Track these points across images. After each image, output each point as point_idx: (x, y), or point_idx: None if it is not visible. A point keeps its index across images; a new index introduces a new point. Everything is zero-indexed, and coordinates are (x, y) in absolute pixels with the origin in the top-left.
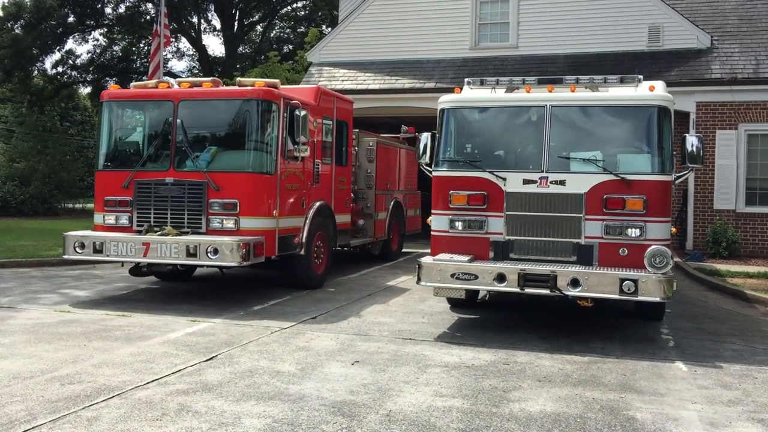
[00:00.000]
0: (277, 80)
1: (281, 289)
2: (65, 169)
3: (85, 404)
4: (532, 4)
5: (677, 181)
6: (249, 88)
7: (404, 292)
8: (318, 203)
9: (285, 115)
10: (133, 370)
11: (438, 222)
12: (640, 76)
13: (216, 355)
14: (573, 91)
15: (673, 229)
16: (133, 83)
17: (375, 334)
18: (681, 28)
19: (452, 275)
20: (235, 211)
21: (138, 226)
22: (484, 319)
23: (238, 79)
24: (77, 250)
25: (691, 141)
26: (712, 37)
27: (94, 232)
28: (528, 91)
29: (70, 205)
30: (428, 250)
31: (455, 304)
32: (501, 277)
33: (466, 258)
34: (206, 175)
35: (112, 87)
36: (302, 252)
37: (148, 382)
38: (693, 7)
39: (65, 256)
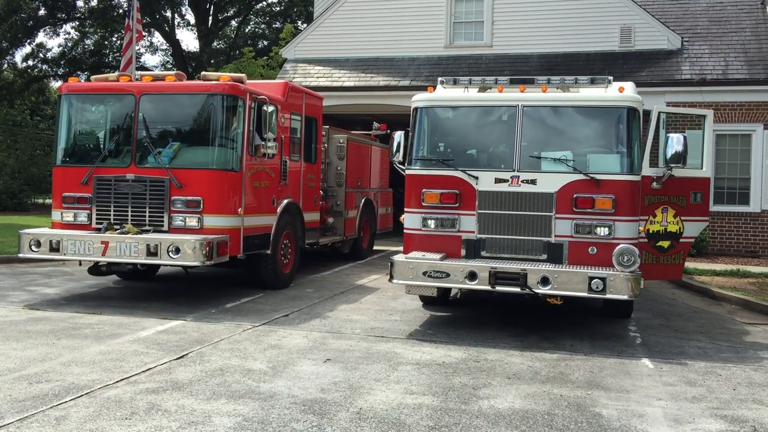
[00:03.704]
0: (243, 75)
1: (253, 287)
2: (35, 164)
3: (53, 403)
4: (507, 3)
5: (654, 183)
6: (213, 82)
7: (376, 290)
8: (285, 201)
9: (251, 110)
10: (103, 368)
11: (411, 220)
12: (611, 77)
13: (187, 354)
14: (544, 91)
15: (641, 228)
16: (93, 76)
17: (347, 332)
18: (652, 29)
19: (424, 273)
20: (198, 209)
21: (97, 223)
22: (456, 317)
23: (203, 73)
24: (33, 248)
25: (678, 139)
26: (682, 38)
27: (51, 229)
28: (500, 91)
29: (40, 201)
30: (400, 249)
31: (428, 301)
32: (472, 275)
33: (438, 256)
34: (168, 171)
35: (72, 80)
36: (269, 251)
37: (117, 381)
38: (664, 8)
39: (20, 255)
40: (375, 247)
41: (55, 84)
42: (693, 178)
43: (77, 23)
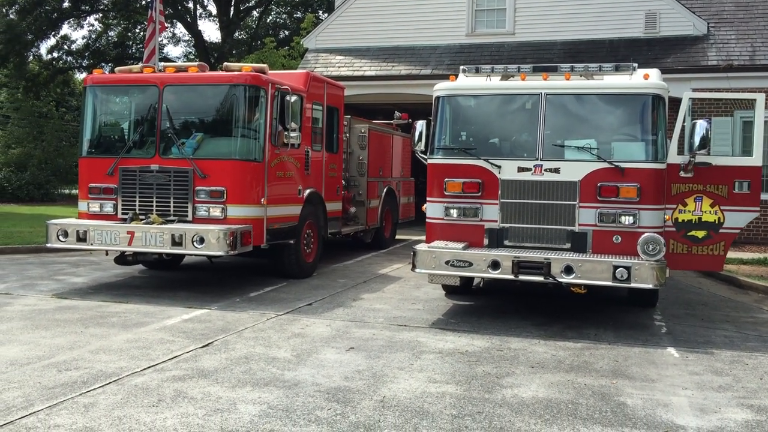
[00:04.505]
0: (265, 65)
1: (277, 277)
2: (61, 155)
3: (81, 390)
4: None
5: (682, 172)
6: (236, 73)
7: (399, 279)
8: (308, 191)
9: (274, 100)
10: (130, 356)
11: (433, 209)
12: (635, 64)
13: (212, 342)
14: (568, 79)
15: (666, 217)
16: (117, 68)
17: (370, 321)
18: (677, 15)
19: (447, 262)
20: (221, 199)
21: (123, 214)
22: (478, 306)
23: (225, 63)
24: (60, 238)
25: (703, 125)
26: (708, 23)
27: (78, 220)
28: (523, 79)
29: (67, 191)
30: (421, 238)
31: (450, 291)
32: (495, 265)
33: (460, 245)
34: (192, 162)
35: (96, 72)
36: (292, 240)
37: (144, 369)
38: None
39: (48, 245)
40: (397, 237)
41: (80, 76)
42: (738, 166)
43: (101, 15)
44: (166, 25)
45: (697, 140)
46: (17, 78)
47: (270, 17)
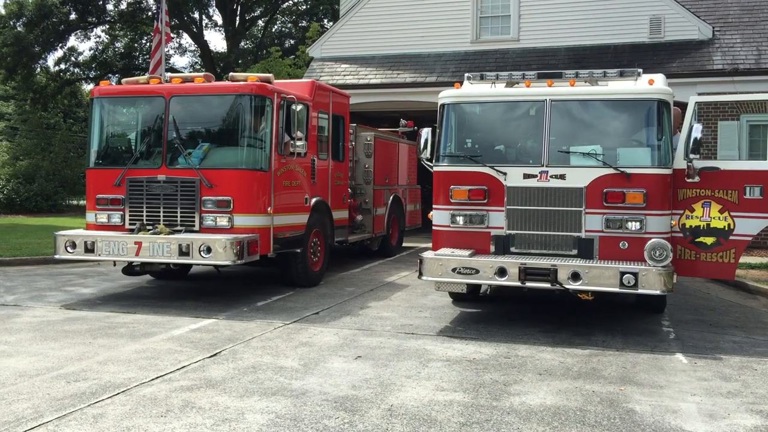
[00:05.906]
0: (270, 75)
1: (284, 285)
2: (69, 166)
3: (90, 401)
4: None
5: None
6: (241, 83)
7: (406, 286)
8: (314, 199)
9: (279, 110)
10: (138, 366)
11: (439, 217)
12: (640, 70)
13: (220, 352)
14: (572, 85)
15: (673, 222)
16: (124, 79)
17: (377, 329)
18: (682, 20)
19: (453, 270)
20: (228, 209)
21: (130, 224)
22: (486, 313)
23: (231, 73)
24: (68, 249)
25: (696, 128)
26: (713, 27)
27: (86, 231)
28: (528, 86)
29: (75, 202)
30: (429, 245)
31: (457, 298)
32: (502, 272)
33: (467, 252)
34: (199, 172)
35: (103, 83)
36: (299, 249)
37: (152, 379)
38: None
39: (56, 256)
40: (404, 244)
41: (87, 87)
42: (749, 170)
43: (107, 27)
44: (172, 35)
45: (690, 144)
46: (25, 90)
47: (275, 26)
